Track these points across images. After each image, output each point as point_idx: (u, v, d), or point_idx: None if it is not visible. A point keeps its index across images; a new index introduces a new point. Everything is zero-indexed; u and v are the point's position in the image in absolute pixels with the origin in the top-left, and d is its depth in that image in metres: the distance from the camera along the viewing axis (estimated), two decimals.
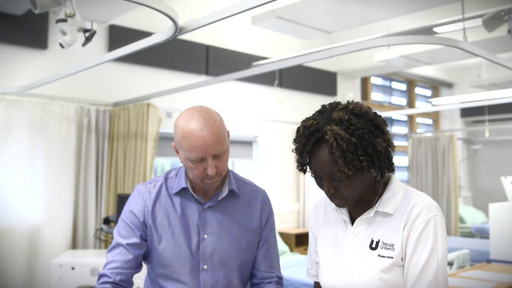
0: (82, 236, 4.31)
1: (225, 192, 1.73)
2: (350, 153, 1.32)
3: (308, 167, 1.46)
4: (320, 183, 1.46)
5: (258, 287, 1.81)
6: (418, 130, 9.15)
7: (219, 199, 1.73)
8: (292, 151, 1.46)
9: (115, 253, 1.67)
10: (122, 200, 3.82)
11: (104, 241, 4.27)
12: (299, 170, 1.48)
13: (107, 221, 4.08)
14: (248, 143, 6.18)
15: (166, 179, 1.77)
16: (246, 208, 1.79)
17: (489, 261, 4.66)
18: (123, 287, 1.66)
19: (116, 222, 3.92)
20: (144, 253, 1.73)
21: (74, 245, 4.30)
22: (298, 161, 1.46)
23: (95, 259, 3.71)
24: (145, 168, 4.24)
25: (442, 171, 7.88)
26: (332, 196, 1.45)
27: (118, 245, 1.68)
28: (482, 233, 7.84)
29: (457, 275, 3.93)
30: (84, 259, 3.70)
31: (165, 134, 5.00)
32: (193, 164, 1.59)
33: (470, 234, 8.06)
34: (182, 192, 1.73)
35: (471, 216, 8.42)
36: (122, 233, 1.69)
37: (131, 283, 1.70)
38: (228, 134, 1.67)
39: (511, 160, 9.03)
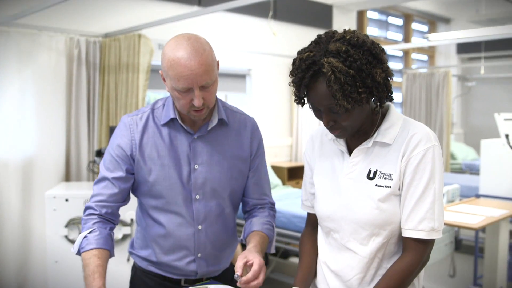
0: (75, 169, 4.32)
1: (214, 122, 1.70)
2: (348, 86, 1.29)
3: (305, 100, 1.44)
4: (318, 115, 1.43)
5: (251, 213, 1.83)
6: (413, 66, 9.06)
7: (209, 128, 1.70)
8: (289, 84, 1.42)
9: (101, 187, 1.67)
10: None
11: (97, 173, 4.27)
12: (297, 103, 1.45)
13: (99, 153, 4.07)
14: (241, 76, 6.11)
15: (153, 110, 1.73)
16: (236, 136, 1.77)
17: (478, 196, 4.74)
18: (109, 219, 1.67)
19: None
20: (134, 186, 1.72)
21: (67, 178, 4.31)
22: (295, 94, 1.42)
23: (88, 191, 3.73)
24: (137, 100, 4.19)
25: (436, 108, 7.89)
26: (331, 128, 1.43)
27: (104, 178, 1.67)
28: (472, 170, 7.97)
29: (446, 209, 4.01)
30: (77, 191, 3.73)
31: (157, 66, 4.91)
32: (179, 94, 1.54)
33: (460, 170, 8.19)
34: (171, 123, 1.69)
35: (462, 152, 8.52)
36: (108, 167, 1.68)
37: (117, 215, 1.70)
38: (218, 65, 1.61)
39: (504, 98, 9.03)
